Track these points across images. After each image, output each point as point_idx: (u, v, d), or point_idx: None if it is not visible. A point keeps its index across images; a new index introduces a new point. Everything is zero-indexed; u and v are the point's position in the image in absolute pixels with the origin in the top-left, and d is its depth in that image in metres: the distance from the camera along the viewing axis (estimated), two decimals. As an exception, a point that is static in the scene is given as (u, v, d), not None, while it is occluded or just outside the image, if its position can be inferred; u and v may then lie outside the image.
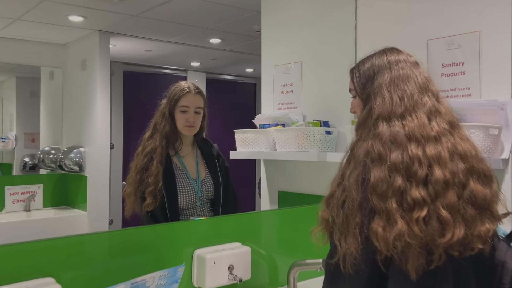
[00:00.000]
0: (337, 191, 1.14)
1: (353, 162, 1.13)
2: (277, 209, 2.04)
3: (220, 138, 2.84)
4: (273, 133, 2.04)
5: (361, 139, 1.15)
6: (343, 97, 1.97)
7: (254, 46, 4.00)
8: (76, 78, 3.60)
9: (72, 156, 3.60)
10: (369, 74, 1.21)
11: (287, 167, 2.17)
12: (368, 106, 1.17)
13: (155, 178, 1.75)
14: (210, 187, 1.90)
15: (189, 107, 1.87)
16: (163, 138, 1.84)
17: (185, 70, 4.25)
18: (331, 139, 1.91)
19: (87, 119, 3.45)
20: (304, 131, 1.87)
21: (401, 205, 1.02)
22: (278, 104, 2.23)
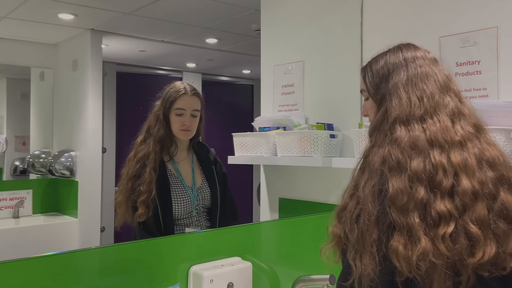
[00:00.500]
0: (350, 203, 1.02)
1: (367, 171, 1.01)
2: (279, 220, 1.92)
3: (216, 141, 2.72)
4: (273, 137, 1.93)
5: (376, 145, 1.03)
6: (348, 98, 1.86)
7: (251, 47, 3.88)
8: (67, 79, 3.47)
9: (62, 160, 3.46)
10: (383, 73, 1.09)
11: (288, 173, 2.05)
12: (383, 108, 1.06)
13: (148, 186, 1.62)
14: (207, 195, 1.78)
15: (185, 110, 1.75)
16: (157, 143, 1.72)
17: (181, 71, 4.13)
18: (336, 143, 1.79)
19: (78, 122, 3.32)
20: (307, 134, 1.75)
21: (425, 220, 0.91)
22: (278, 106, 2.12)
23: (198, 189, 1.77)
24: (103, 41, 3.35)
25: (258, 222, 1.65)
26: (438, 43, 1.58)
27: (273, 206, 2.12)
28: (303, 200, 1.99)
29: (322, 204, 1.91)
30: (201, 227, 1.75)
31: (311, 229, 1.64)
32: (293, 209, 2.04)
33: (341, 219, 1.04)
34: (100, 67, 3.16)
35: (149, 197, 1.62)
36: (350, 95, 1.82)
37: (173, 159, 1.78)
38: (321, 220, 1.67)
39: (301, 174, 2.00)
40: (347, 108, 1.84)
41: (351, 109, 1.81)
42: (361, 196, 0.99)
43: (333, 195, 1.87)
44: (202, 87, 4.20)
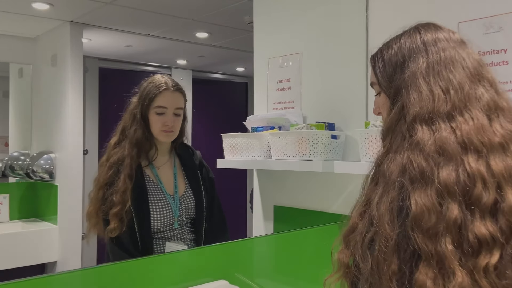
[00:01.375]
0: (361, 224, 0.81)
1: (382, 183, 0.80)
2: (274, 234, 1.70)
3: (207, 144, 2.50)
4: (267, 138, 1.71)
5: (391, 151, 0.82)
6: (352, 94, 1.65)
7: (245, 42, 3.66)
8: (46, 76, 3.23)
9: (41, 162, 3.22)
10: (397, 60, 0.89)
11: (284, 178, 1.84)
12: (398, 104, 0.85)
13: (122, 196, 1.40)
14: (190, 204, 1.56)
15: (166, 108, 1.53)
16: (133, 146, 1.49)
17: (169, 68, 3.90)
18: (338, 145, 1.58)
19: (57, 122, 3.09)
20: (306, 135, 1.54)
21: (460, 247, 0.71)
22: (273, 104, 1.90)
23: (181, 198, 1.55)
24: (85, 35, 3.12)
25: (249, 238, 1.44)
26: (457, 29, 1.37)
27: (267, 215, 1.91)
28: (301, 209, 1.78)
29: (321, 213, 1.69)
30: (184, 241, 1.53)
31: (311, 245, 1.43)
32: (289, 218, 1.83)
33: (350, 244, 0.83)
34: (80, 62, 2.93)
35: (122, 209, 1.39)
36: (354, 91, 1.61)
37: (152, 163, 1.56)
38: (322, 233, 1.46)
39: (298, 179, 1.79)
40: (350, 106, 1.62)
41: (356, 107, 1.60)
42: (375, 215, 0.78)
43: (335, 203, 1.66)
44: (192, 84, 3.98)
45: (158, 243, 1.49)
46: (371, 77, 0.95)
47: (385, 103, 0.90)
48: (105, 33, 3.14)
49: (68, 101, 2.91)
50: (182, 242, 1.52)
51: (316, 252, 1.38)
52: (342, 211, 1.62)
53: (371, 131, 1.36)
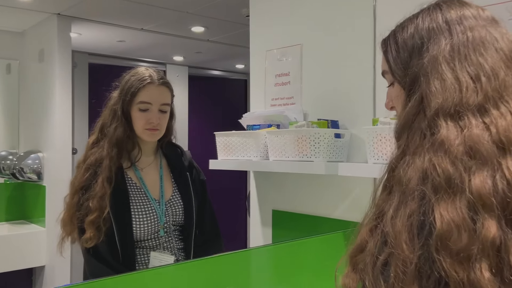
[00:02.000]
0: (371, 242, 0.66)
1: (398, 192, 0.66)
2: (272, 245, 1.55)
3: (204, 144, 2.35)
4: (264, 137, 1.56)
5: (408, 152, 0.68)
6: (358, 88, 1.50)
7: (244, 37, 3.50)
8: (33, 72, 3.08)
9: (29, 162, 3.07)
10: (414, 43, 0.74)
11: (283, 181, 1.69)
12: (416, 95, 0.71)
13: (99, 202, 1.25)
14: (178, 210, 1.41)
15: (151, 104, 1.38)
16: (113, 146, 1.34)
17: (164, 64, 3.74)
18: (342, 145, 1.42)
19: (45, 120, 2.94)
20: (307, 134, 1.38)
21: (499, 274, 0.58)
22: (271, 100, 1.75)
23: (168, 202, 1.40)
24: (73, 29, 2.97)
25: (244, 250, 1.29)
26: (477, 15, 1.22)
27: (265, 220, 1.76)
28: (301, 214, 1.62)
29: (324, 219, 1.54)
30: (171, 250, 1.38)
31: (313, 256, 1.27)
32: (288, 223, 1.67)
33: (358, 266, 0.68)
34: (69, 58, 2.78)
35: (100, 216, 1.24)
36: (361, 85, 1.46)
37: (135, 165, 1.40)
38: (326, 242, 1.30)
39: (298, 182, 1.64)
40: (356, 101, 1.47)
41: (362, 102, 1.45)
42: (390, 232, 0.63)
43: (338, 208, 1.50)
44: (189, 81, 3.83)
45: (142, 252, 1.34)
46: (383, 65, 0.80)
47: (400, 95, 0.75)
48: (95, 27, 2.99)
49: (55, 98, 2.76)
50: (169, 252, 1.37)
51: (319, 264, 1.24)
52: (346, 216, 1.47)
53: (380, 129, 1.21)
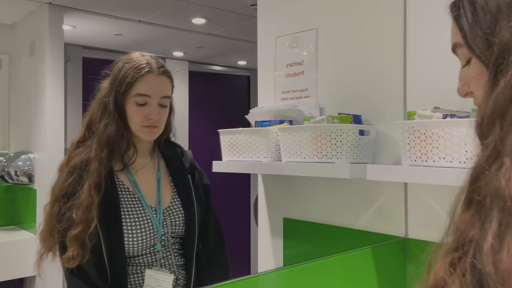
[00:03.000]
0: (455, 283, 0.47)
1: (496, 210, 0.47)
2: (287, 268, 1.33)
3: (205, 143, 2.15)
4: (276, 134, 1.37)
5: (504, 152, 0.48)
6: (384, 78, 1.30)
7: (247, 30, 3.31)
8: (24, 66, 2.90)
9: (19, 164, 2.88)
10: (499, 4, 0.54)
11: (296, 185, 1.49)
12: (507, 75, 0.51)
13: (85, 213, 1.06)
14: (179, 220, 1.22)
15: (150, 97, 1.18)
16: (103, 146, 1.15)
17: (163, 58, 3.55)
18: (367, 144, 1.23)
19: (36, 118, 2.75)
20: (327, 130, 1.19)
21: None
22: (282, 93, 1.55)
23: (166, 211, 1.20)
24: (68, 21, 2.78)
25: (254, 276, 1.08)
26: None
27: (276, 229, 1.56)
28: (317, 223, 1.43)
29: (344, 229, 1.35)
30: (170, 267, 1.18)
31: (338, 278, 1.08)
32: (302, 234, 1.48)
33: None
34: (61, 51, 2.59)
35: (85, 230, 1.05)
36: (387, 72, 1.26)
37: (129, 167, 1.21)
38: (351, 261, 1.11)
39: (313, 186, 1.44)
40: (382, 92, 1.28)
41: (389, 93, 1.25)
42: (491, 273, 0.44)
43: (361, 217, 1.31)
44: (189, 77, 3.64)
45: (135, 271, 1.15)
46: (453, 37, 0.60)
47: (480, 74, 0.55)
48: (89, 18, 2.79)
49: (46, 94, 2.57)
50: (167, 269, 1.17)
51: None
52: (372, 227, 1.27)
53: (419, 124, 1.01)
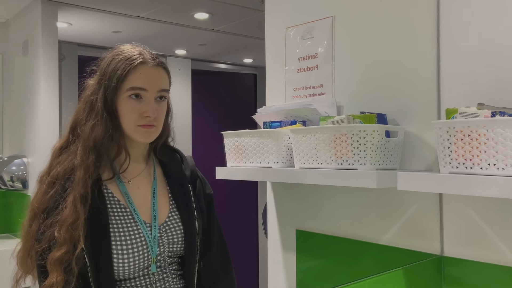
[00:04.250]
0: None
1: None
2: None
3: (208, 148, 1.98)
4: (287, 137, 1.20)
5: None
6: (412, 70, 1.13)
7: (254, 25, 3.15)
8: (17, 66, 2.75)
9: (13, 169, 2.74)
10: None
11: (310, 192, 1.33)
12: None
13: (69, 232, 0.90)
14: (177, 236, 1.05)
15: (146, 91, 1.02)
16: (89, 151, 0.99)
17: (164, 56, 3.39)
18: (395, 147, 1.06)
19: (29, 121, 2.61)
20: (348, 132, 1.02)
21: None
22: (293, 90, 1.39)
23: (163, 227, 1.04)
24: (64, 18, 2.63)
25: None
26: None
27: (287, 242, 1.40)
28: (334, 236, 1.26)
29: (367, 244, 1.18)
30: (167, 291, 1.02)
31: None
32: (317, 248, 1.32)
33: None
34: (55, 49, 2.44)
35: (70, 252, 0.89)
36: (417, 65, 1.09)
37: (120, 176, 1.05)
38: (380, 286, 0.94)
39: (330, 195, 1.28)
40: (410, 88, 1.11)
41: (420, 89, 1.08)
42: None
43: (388, 231, 1.14)
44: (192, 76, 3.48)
45: (127, 297, 0.99)
46: None
47: None
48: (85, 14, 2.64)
49: (40, 95, 2.42)
50: (164, 294, 1.01)
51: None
52: (401, 243, 1.10)
53: (461, 123, 0.84)
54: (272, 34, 1.44)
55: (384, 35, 1.16)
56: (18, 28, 2.69)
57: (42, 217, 0.95)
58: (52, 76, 2.41)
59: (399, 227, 1.11)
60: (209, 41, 3.41)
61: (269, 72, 1.46)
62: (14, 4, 2.55)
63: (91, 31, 2.96)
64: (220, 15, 2.86)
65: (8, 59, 2.78)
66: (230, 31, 3.20)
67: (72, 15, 2.64)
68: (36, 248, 0.93)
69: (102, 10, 2.60)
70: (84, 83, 1.08)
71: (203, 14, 2.80)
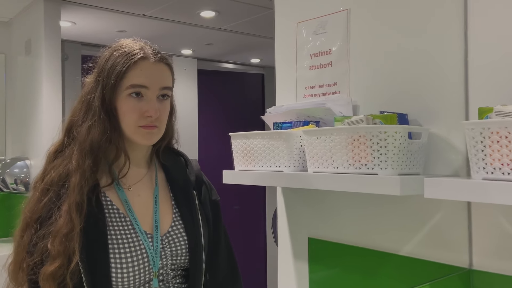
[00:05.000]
0: None
1: None
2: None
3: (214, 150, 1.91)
4: (299, 138, 1.12)
5: None
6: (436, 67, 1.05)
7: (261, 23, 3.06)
8: (20, 66, 2.69)
9: (16, 171, 2.68)
10: None
11: (323, 198, 1.24)
12: None
13: (64, 243, 0.83)
14: (181, 248, 0.97)
15: (147, 88, 0.95)
16: (86, 154, 0.92)
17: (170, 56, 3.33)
18: (418, 150, 0.97)
19: (32, 122, 2.55)
20: (368, 133, 0.94)
21: None
22: (304, 89, 1.30)
23: (166, 237, 0.96)
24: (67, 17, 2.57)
25: None
26: None
27: (299, 251, 1.31)
28: (351, 245, 1.17)
29: (386, 255, 1.09)
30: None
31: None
32: (332, 257, 1.23)
33: None
34: (58, 48, 2.37)
35: (64, 266, 0.82)
36: (441, 60, 1.00)
37: (120, 182, 0.97)
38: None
39: (346, 200, 1.19)
40: (434, 84, 1.02)
41: (444, 85, 0.99)
42: None
43: (410, 242, 1.05)
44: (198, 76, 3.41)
45: (126, 314, 0.91)
46: None
47: None
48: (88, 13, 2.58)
49: (42, 96, 2.36)
50: (167, 310, 0.93)
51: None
52: (425, 254, 1.01)
53: (497, 124, 0.75)
54: (282, 29, 1.36)
55: (404, 28, 1.07)
56: (20, 27, 2.63)
57: (34, 228, 0.87)
58: (55, 76, 2.35)
59: (422, 237, 1.02)
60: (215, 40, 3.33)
61: (279, 70, 1.38)
62: (16, 3, 2.50)
63: (95, 30, 2.89)
64: (227, 13, 2.78)
65: (11, 59, 2.73)
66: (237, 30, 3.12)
67: (76, 14, 2.58)
68: (28, 262, 0.86)
69: (106, 8, 2.53)
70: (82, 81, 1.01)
71: (210, 12, 2.72)
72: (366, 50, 1.16)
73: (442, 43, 1.00)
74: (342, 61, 1.21)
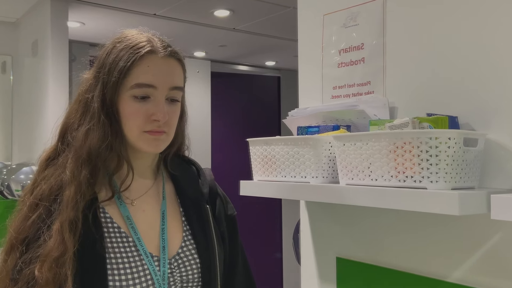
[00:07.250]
0: None
1: None
2: None
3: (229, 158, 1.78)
4: (329, 145, 0.97)
5: None
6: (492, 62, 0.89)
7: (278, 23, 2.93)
8: (27, 68, 2.60)
9: (21, 177, 2.57)
10: None
11: (357, 214, 1.09)
12: None
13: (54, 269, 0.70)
14: (192, 271, 0.83)
15: (154, 88, 0.81)
16: (83, 163, 0.79)
17: (182, 57, 3.23)
18: (474, 159, 0.82)
19: (38, 126, 2.44)
20: (413, 139, 0.79)
21: None
22: (332, 89, 1.16)
23: (174, 261, 0.82)
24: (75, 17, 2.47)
25: None
26: None
27: (326, 272, 1.16)
28: (388, 268, 1.02)
29: (431, 281, 0.93)
30: None
31: None
32: (363, 280, 1.07)
33: None
34: (65, 49, 2.27)
35: None
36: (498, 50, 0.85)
37: (121, 195, 0.84)
38: None
39: (384, 216, 1.03)
40: (490, 81, 0.86)
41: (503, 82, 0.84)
42: None
43: (461, 266, 0.89)
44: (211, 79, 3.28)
45: None
46: None
47: None
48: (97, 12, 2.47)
49: (48, 98, 2.25)
50: None
51: None
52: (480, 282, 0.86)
53: None
54: (306, 23, 1.22)
55: (452, 17, 0.92)
56: (27, 27, 2.54)
57: (20, 250, 0.74)
58: (61, 78, 2.24)
59: (476, 262, 0.86)
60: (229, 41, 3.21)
61: (303, 68, 1.24)
62: (23, 3, 2.40)
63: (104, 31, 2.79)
64: (242, 13, 2.65)
65: (18, 61, 2.64)
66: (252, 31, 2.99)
67: (84, 14, 2.47)
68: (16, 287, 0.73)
69: (116, 7, 2.43)
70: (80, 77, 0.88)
71: (224, 11, 2.60)
72: (405, 44, 1.01)
73: (502, 33, 0.84)
74: (376, 57, 1.06)
